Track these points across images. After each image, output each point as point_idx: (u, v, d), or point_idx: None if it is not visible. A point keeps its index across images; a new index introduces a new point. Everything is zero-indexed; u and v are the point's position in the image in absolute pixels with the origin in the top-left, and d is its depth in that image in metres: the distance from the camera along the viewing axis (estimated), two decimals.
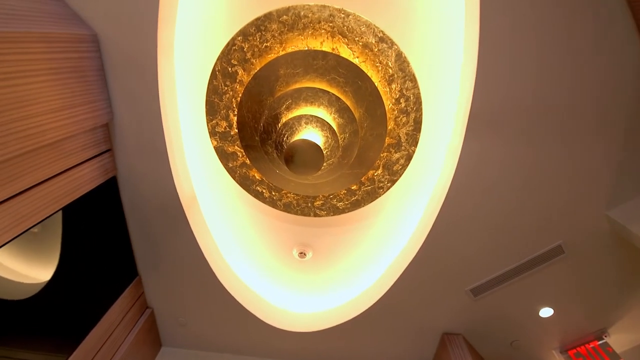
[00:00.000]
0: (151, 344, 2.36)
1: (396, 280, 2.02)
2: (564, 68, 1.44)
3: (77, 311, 1.83)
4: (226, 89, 1.73)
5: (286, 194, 2.03)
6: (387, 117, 1.72)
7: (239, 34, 1.58)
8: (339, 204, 2.04)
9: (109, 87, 1.55)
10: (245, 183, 2.00)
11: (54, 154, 1.35)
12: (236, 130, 1.82)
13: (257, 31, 1.58)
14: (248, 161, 1.92)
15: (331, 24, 1.55)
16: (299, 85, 1.59)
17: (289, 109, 1.53)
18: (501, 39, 1.39)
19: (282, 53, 1.61)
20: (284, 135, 1.46)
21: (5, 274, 1.40)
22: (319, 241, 2.28)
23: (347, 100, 1.61)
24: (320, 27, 1.56)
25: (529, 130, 1.60)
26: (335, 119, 1.54)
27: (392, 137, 1.81)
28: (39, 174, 1.30)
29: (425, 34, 1.60)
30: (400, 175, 1.92)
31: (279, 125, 1.54)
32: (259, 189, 2.02)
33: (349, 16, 1.52)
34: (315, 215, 2.09)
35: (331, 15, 1.52)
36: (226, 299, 2.17)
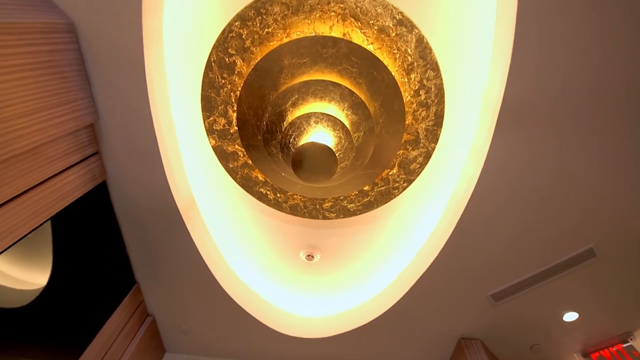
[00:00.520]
0: (154, 350, 2.27)
1: (413, 285, 1.89)
2: (601, 57, 1.24)
3: (75, 323, 1.72)
4: (224, 81, 1.54)
5: (292, 196, 1.87)
6: (405, 111, 1.54)
7: (236, 18, 1.38)
8: (349, 205, 1.89)
9: (91, 83, 1.37)
10: (248, 185, 1.84)
11: (32, 163, 1.19)
12: (236, 128, 1.65)
13: (256, 15, 1.37)
14: (250, 162, 1.75)
15: (342, 5, 1.35)
16: (306, 78, 1.40)
17: (295, 105, 1.35)
18: (542, 21, 1.19)
19: (286, 40, 1.41)
20: (291, 136, 1.28)
21: None
22: (327, 243, 2.14)
23: (361, 94, 1.42)
24: (329, 9, 1.36)
25: (560, 125, 1.41)
26: (348, 115, 1.36)
27: (410, 133, 1.63)
28: (17, 186, 1.15)
29: (450, 15, 1.39)
30: (418, 175, 1.75)
31: (285, 124, 1.36)
32: (262, 190, 1.86)
33: None
34: (324, 217, 1.94)
35: None
36: (230, 306, 2.06)
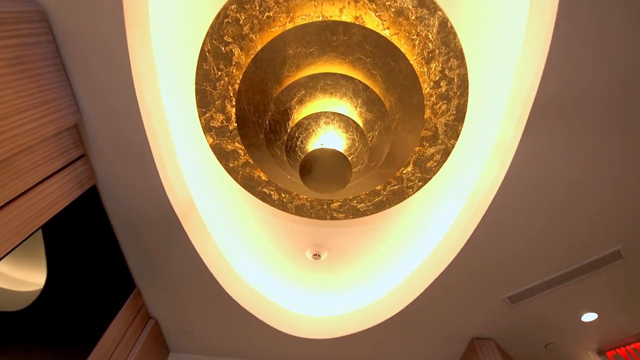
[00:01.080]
0: (158, 351, 2.23)
1: (428, 286, 1.79)
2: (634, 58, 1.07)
3: (76, 332, 1.65)
4: (220, 74, 1.37)
5: (298, 196, 1.74)
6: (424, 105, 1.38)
7: (232, 1, 1.20)
8: (359, 205, 1.76)
9: (70, 79, 1.21)
10: (250, 185, 1.71)
11: (5, 175, 1.05)
12: (235, 125, 1.50)
13: None
14: (252, 161, 1.61)
15: None
16: (313, 71, 1.23)
17: (301, 102, 1.19)
18: (586, 11, 1.01)
19: (289, 26, 1.24)
20: (298, 138, 1.13)
21: None
22: (335, 241, 2.03)
23: (376, 87, 1.26)
24: None
25: (591, 124, 1.26)
26: (362, 113, 1.20)
27: (427, 129, 1.48)
28: None
29: None
30: (435, 174, 1.61)
31: (290, 123, 1.21)
32: (266, 190, 1.73)
33: None
34: (332, 218, 1.82)
35: None
36: (233, 307, 1.98)
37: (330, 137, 1.11)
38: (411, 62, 1.28)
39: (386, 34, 1.24)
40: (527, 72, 1.24)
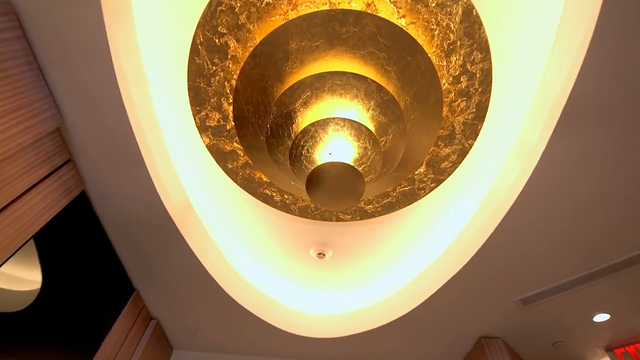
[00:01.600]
0: (162, 350, 2.21)
1: (441, 287, 1.73)
2: None
3: (77, 337, 1.60)
4: (215, 68, 1.24)
5: (301, 197, 1.64)
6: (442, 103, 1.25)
7: None
8: (367, 207, 1.67)
9: (47, 79, 1.08)
10: (251, 186, 1.60)
11: None
12: (233, 124, 1.37)
13: None
14: (252, 162, 1.50)
15: None
16: (319, 67, 1.09)
17: (307, 104, 1.06)
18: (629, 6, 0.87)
19: (292, 15, 1.09)
20: (303, 147, 1.02)
21: None
22: (339, 240, 1.95)
23: (390, 86, 1.12)
24: None
25: (616, 124, 1.14)
26: (374, 117, 1.07)
27: (444, 128, 1.35)
28: None
29: None
30: (449, 175, 1.50)
31: (294, 127, 1.08)
32: (267, 192, 1.63)
33: None
34: (338, 219, 1.73)
35: None
36: (235, 308, 1.93)
37: (340, 145, 0.99)
38: (429, 56, 1.13)
39: (402, 23, 1.10)
40: (558, 70, 1.10)
